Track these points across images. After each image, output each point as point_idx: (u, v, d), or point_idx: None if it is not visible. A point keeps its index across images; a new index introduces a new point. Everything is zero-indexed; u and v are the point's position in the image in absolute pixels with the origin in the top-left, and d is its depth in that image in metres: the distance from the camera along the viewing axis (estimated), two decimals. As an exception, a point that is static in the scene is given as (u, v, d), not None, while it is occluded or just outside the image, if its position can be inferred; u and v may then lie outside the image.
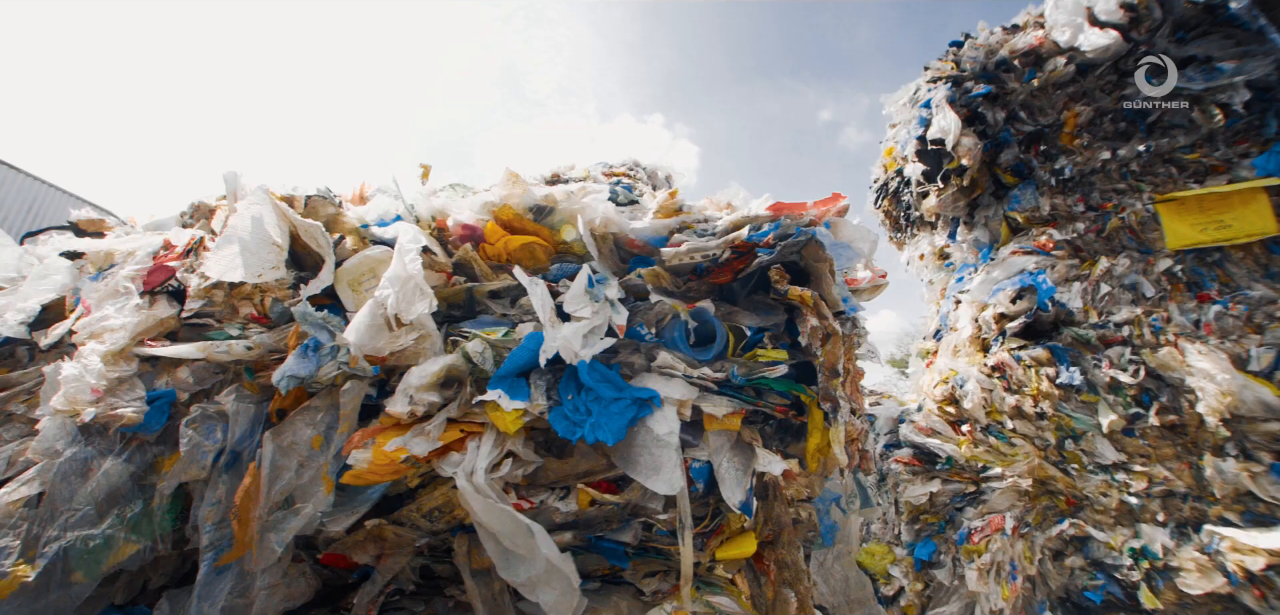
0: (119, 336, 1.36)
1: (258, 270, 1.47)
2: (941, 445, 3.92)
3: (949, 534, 3.94)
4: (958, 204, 4.14)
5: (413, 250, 1.37)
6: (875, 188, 4.89)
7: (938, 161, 4.08)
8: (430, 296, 1.35)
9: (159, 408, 1.34)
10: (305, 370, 1.36)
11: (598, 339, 1.43)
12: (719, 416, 1.47)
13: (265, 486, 1.26)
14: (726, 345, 1.60)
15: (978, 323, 4.07)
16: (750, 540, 1.57)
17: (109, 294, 1.47)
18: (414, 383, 1.32)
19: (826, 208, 1.65)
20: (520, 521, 1.20)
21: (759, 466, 1.57)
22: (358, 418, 1.36)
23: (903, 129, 4.34)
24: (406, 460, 1.25)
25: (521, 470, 1.35)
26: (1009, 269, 3.89)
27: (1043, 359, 3.78)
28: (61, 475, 1.24)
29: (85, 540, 1.17)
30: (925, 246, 4.71)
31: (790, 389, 1.56)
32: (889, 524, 4.41)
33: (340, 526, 1.27)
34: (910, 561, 4.06)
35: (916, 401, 4.18)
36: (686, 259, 1.57)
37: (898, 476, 4.17)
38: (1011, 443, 3.83)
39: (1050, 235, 3.85)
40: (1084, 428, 3.74)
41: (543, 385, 1.38)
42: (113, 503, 1.25)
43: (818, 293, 1.53)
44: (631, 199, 1.77)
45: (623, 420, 1.35)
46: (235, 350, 1.44)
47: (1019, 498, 3.86)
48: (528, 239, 1.58)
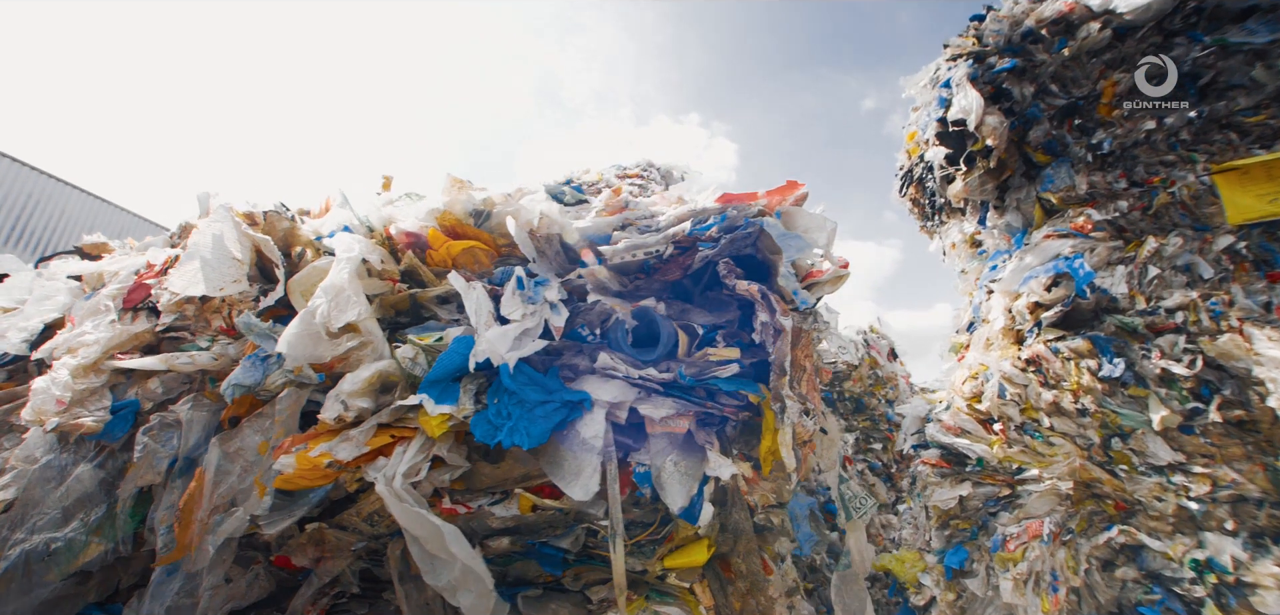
0: (91, 351, 1.46)
1: (219, 284, 1.55)
2: (971, 446, 3.67)
3: (982, 540, 3.69)
4: (985, 187, 3.87)
5: (344, 260, 1.40)
6: (900, 176, 4.66)
7: (961, 143, 3.84)
8: (361, 305, 1.38)
9: (122, 417, 1.43)
10: (251, 379, 1.42)
11: (530, 341, 1.42)
12: (656, 419, 1.42)
13: (208, 491, 1.32)
14: (674, 345, 1.55)
15: (1011, 313, 3.79)
16: (700, 549, 1.51)
17: (90, 311, 1.59)
18: (346, 389, 1.35)
19: (780, 197, 1.57)
20: (433, 524, 1.20)
21: (710, 471, 1.51)
22: (299, 424, 1.40)
23: (924, 112, 4.12)
24: (331, 465, 1.28)
25: (448, 474, 1.35)
26: (1042, 254, 3.60)
27: (1083, 350, 3.48)
28: (36, 481, 1.34)
29: (48, 543, 1.26)
30: (956, 235, 4.44)
31: (740, 389, 1.49)
32: (920, 529, 4.17)
33: (276, 529, 1.31)
34: (941, 569, 3.82)
35: (945, 400, 3.94)
36: (628, 257, 1.53)
37: (925, 479, 3.94)
38: (1049, 442, 3.54)
39: (1088, 216, 3.53)
40: (1133, 425, 3.42)
41: (473, 390, 1.38)
42: (79, 507, 1.34)
43: (765, 286, 1.46)
44: (580, 199, 1.75)
45: (548, 424, 1.33)
46: (199, 361, 1.52)
47: (1059, 502, 3.57)
48: (469, 243, 1.59)
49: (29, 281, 1.82)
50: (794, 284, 1.46)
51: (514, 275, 1.45)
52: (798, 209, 1.56)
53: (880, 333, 9.44)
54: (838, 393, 9.08)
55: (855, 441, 8.52)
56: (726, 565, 1.59)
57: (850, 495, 1.93)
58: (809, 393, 1.58)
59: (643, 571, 1.51)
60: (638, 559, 1.51)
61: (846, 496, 1.90)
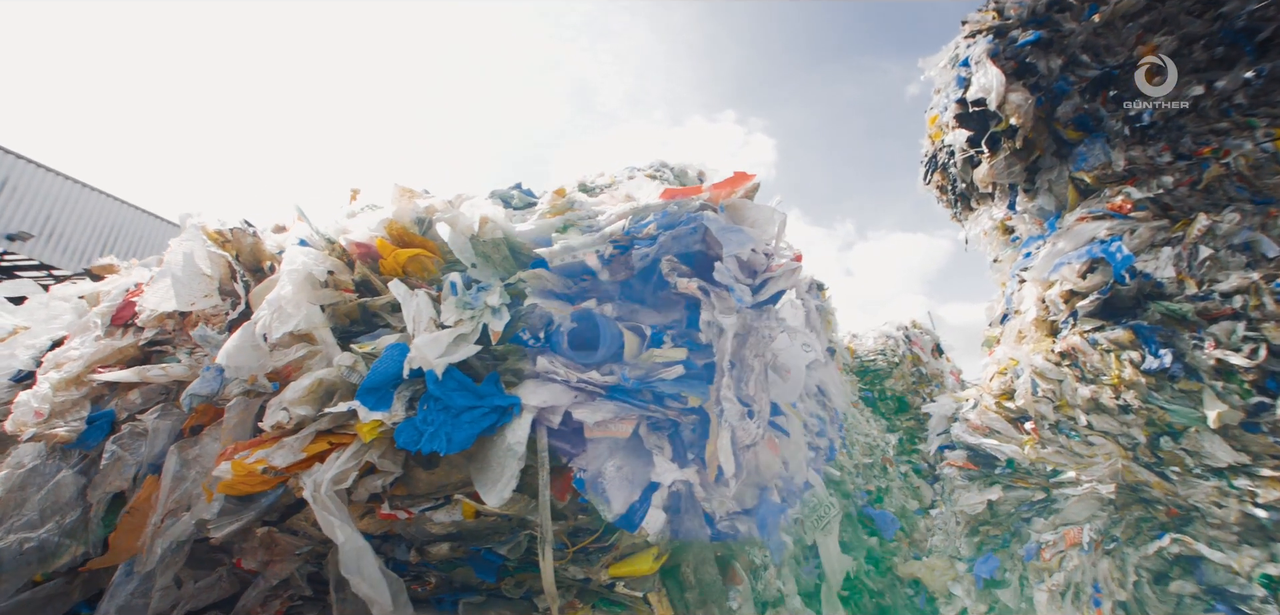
0: (74, 365, 1.58)
1: (190, 299, 1.63)
2: (1000, 446, 3.41)
3: (1015, 548, 3.42)
4: (1013, 169, 3.61)
5: (287, 273, 1.45)
6: (924, 163, 4.42)
7: (983, 124, 3.60)
8: (300, 316, 1.42)
9: (98, 426, 1.53)
10: (208, 389, 1.48)
11: (465, 347, 1.41)
12: (592, 423, 1.39)
13: (164, 495, 1.39)
14: (619, 347, 1.51)
15: (1043, 303, 3.51)
16: (647, 558, 1.46)
17: (81, 329, 1.71)
18: (289, 397, 1.39)
19: (727, 189, 1.50)
20: (335, 529, 1.22)
21: (654, 476, 1.46)
22: (251, 431, 1.45)
23: (944, 94, 3.89)
24: (266, 471, 1.32)
25: (381, 480, 1.37)
26: (1076, 238, 3.31)
27: (1124, 341, 3.19)
28: (19, 484, 1.46)
29: (23, 542, 1.36)
30: (986, 221, 4.17)
31: (682, 391, 1.44)
32: (950, 536, 3.92)
33: (223, 532, 1.36)
34: (971, 579, 3.57)
35: (971, 397, 3.69)
36: (567, 259, 1.51)
37: (951, 482, 3.70)
38: (1088, 441, 3.25)
39: (1127, 195, 3.22)
40: (1184, 422, 3.10)
41: (407, 396, 1.39)
42: (56, 511, 1.44)
43: (706, 283, 1.40)
44: (528, 202, 1.74)
45: (474, 429, 1.32)
46: (173, 372, 1.61)
47: (1101, 507, 3.27)
48: (415, 251, 1.61)
49: (43, 301, 1.99)
50: (731, 279, 1.39)
51: (448, 281, 1.46)
52: (745, 202, 1.48)
53: (923, 328, 8.99)
54: (879, 392, 8.73)
55: (898, 443, 8.15)
56: (679, 575, 1.53)
57: (813, 502, 1.83)
58: (756, 394, 1.50)
59: (586, 580, 1.47)
60: (581, 567, 1.48)
61: (812, 503, 1.80)
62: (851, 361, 8.59)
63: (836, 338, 7.97)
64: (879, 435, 7.92)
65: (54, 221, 9.32)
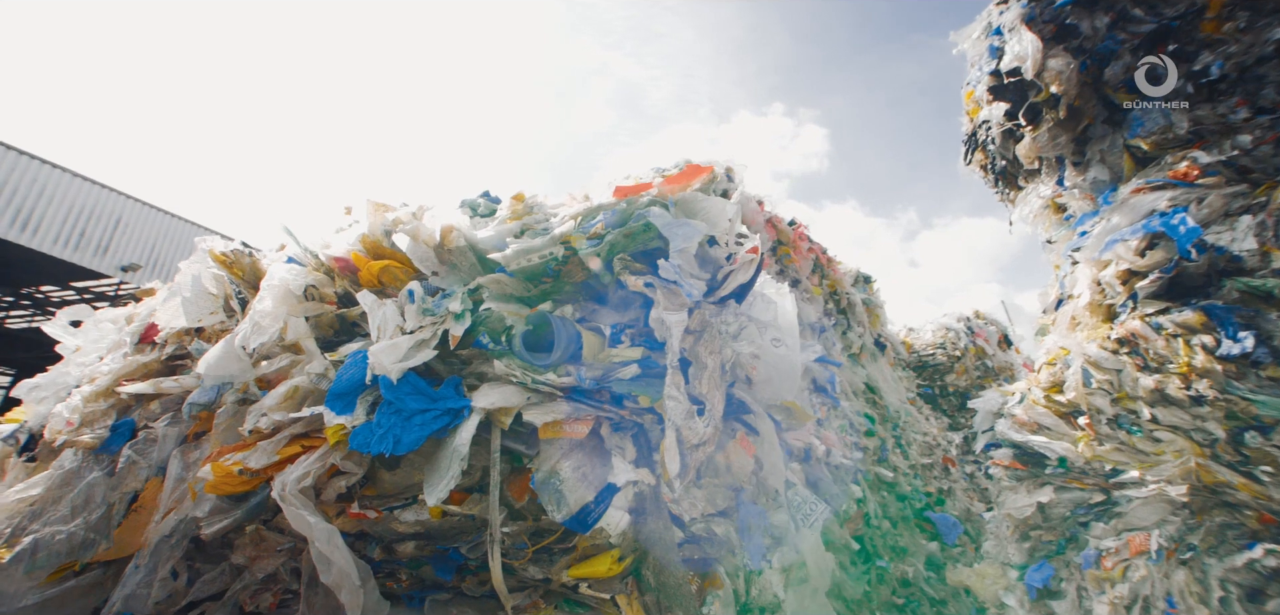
0: (104, 379, 1.76)
1: (197, 316, 1.79)
2: (1049, 443, 3.12)
3: (1071, 555, 3.11)
4: (1058, 141, 3.30)
5: (266, 288, 1.56)
6: (964, 142, 4.14)
7: (1020, 95, 3.32)
8: (274, 328, 1.52)
9: (119, 434, 1.70)
10: (206, 398, 1.62)
11: (424, 352, 1.46)
12: (539, 424, 1.39)
13: (165, 495, 1.53)
14: (576, 348, 1.51)
15: (1098, 285, 3.18)
16: (607, 559, 1.45)
17: (113, 347, 1.91)
18: (268, 403, 1.49)
19: (679, 183, 1.47)
20: (309, 523, 1.29)
21: (611, 477, 1.45)
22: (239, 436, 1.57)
23: (977, 67, 3.62)
24: (242, 472, 1.42)
25: (345, 481, 1.44)
26: (1132, 212, 2.97)
27: (1193, 324, 2.84)
28: (58, 484, 1.65)
29: (55, 535, 1.54)
30: (1035, 200, 3.84)
31: (633, 389, 1.42)
32: (1000, 540, 3.62)
33: (213, 529, 1.48)
34: (1023, 589, 3.27)
35: (1018, 391, 3.40)
36: (522, 262, 1.53)
37: (998, 482, 3.42)
38: (1153, 437, 2.91)
39: (1193, 160, 2.86)
40: (1275, 415, 2.71)
41: (369, 401, 1.45)
42: (83, 508, 1.62)
43: (651, 278, 1.37)
44: (492, 209, 1.77)
45: (423, 431, 1.36)
46: (184, 384, 1.77)
47: (1172, 510, 2.92)
48: (387, 262, 1.68)
49: (94, 322, 2.24)
50: (675, 274, 1.36)
51: (405, 289, 1.51)
52: (697, 195, 1.44)
53: (987, 318, 8.39)
54: (940, 388, 8.23)
55: (963, 441, 7.65)
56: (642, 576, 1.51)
57: (798, 501, 1.74)
58: (710, 392, 1.45)
59: (546, 579, 1.48)
60: (541, 567, 1.49)
61: (794, 503, 1.72)
62: (908, 356, 8.12)
63: (889, 332, 7.56)
64: (939, 433, 7.44)
65: (157, 253, 10.46)
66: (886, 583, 4.97)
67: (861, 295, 6.59)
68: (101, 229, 9.77)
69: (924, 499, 6.68)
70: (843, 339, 6.01)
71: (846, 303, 5.83)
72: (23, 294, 11.88)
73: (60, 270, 10.23)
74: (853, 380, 6.04)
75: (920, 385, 7.99)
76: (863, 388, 6.32)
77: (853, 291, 6.39)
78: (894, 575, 5.13)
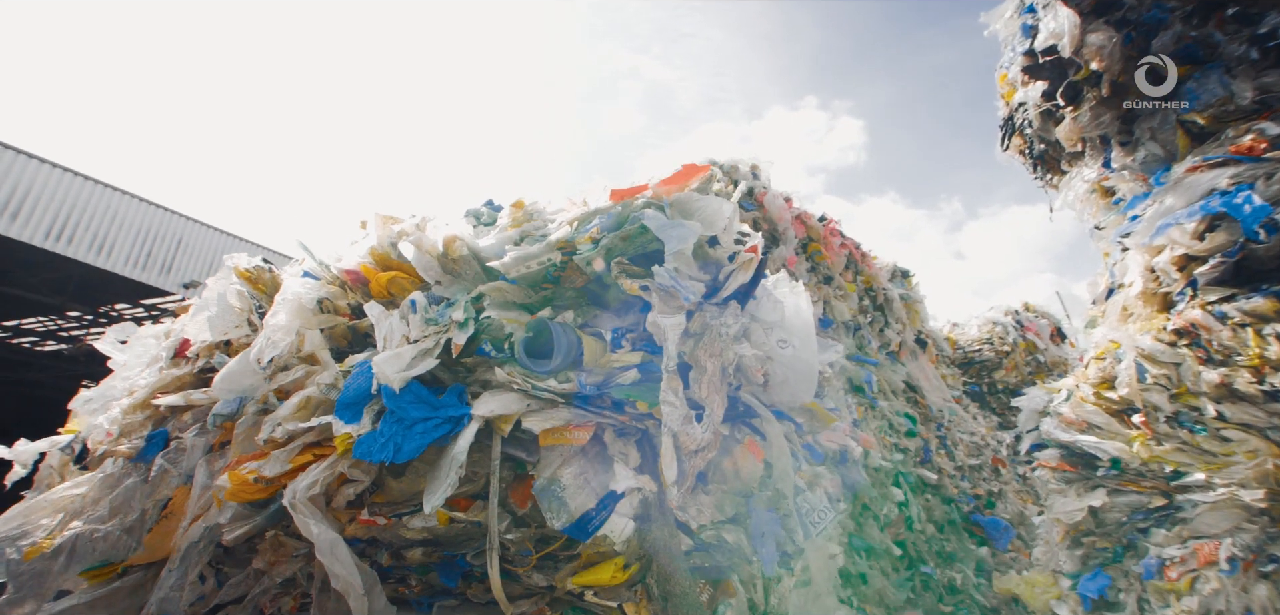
0: (141, 392, 1.87)
1: (223, 331, 1.87)
2: (1100, 443, 2.91)
3: (1129, 564, 2.89)
4: (1101, 120, 3.09)
5: (280, 303, 1.61)
6: (1001, 127, 3.93)
7: (1058, 74, 3.12)
8: (286, 341, 1.58)
9: (154, 444, 1.80)
10: (229, 409, 1.69)
11: (427, 361, 1.48)
12: (535, 431, 1.39)
13: (192, 502, 1.60)
14: (577, 354, 1.50)
15: (1153, 272, 2.95)
16: (610, 567, 1.43)
17: (150, 361, 2.03)
18: (281, 414, 1.54)
19: (675, 184, 1.44)
20: (315, 531, 1.32)
21: (612, 484, 1.43)
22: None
23: (1010, 48, 3.43)
24: (257, 480, 1.47)
25: (353, 488, 1.47)
26: (1188, 193, 2.75)
27: (1265, 311, 2.60)
28: (100, 486, 1.76)
29: (92, 532, 1.64)
30: (1080, 184, 3.61)
31: (632, 394, 1.39)
32: (1051, 546, 3.40)
33: (235, 536, 1.54)
34: (1076, 599, 3.06)
35: (1066, 388, 3.19)
36: (521, 269, 1.53)
37: (1045, 485, 3.22)
38: (1221, 436, 2.67)
39: (1260, 131, 2.61)
40: (1361, 410, 2.46)
41: (375, 410, 1.48)
42: (122, 510, 1.72)
43: (646, 281, 1.35)
44: (494, 217, 1.78)
45: (425, 439, 1.37)
46: (212, 395, 1.85)
47: (1247, 517, 2.68)
48: (395, 273, 1.71)
49: (138, 338, 2.38)
50: (670, 276, 1.32)
51: (407, 299, 1.54)
52: (693, 195, 1.41)
53: (1038, 310, 7.95)
54: (988, 385, 7.86)
55: (1013, 440, 7.27)
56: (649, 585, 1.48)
57: (807, 508, 1.67)
58: (710, 396, 1.41)
59: (550, 587, 1.47)
60: (545, 574, 1.48)
61: (802, 510, 1.65)
62: (952, 353, 7.77)
63: (931, 328, 7.25)
64: (989, 432, 7.08)
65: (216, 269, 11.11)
66: (932, 589, 4.75)
67: (899, 290, 6.35)
68: (165, 249, 10.47)
69: (972, 502, 6.36)
70: (880, 336, 5.81)
71: (883, 299, 5.63)
72: (100, 312, 12.84)
73: (131, 289, 11.00)
74: (891, 379, 5.82)
75: (967, 383, 7.65)
76: (902, 386, 6.09)
77: (890, 287, 6.16)
78: (940, 582, 4.91)
